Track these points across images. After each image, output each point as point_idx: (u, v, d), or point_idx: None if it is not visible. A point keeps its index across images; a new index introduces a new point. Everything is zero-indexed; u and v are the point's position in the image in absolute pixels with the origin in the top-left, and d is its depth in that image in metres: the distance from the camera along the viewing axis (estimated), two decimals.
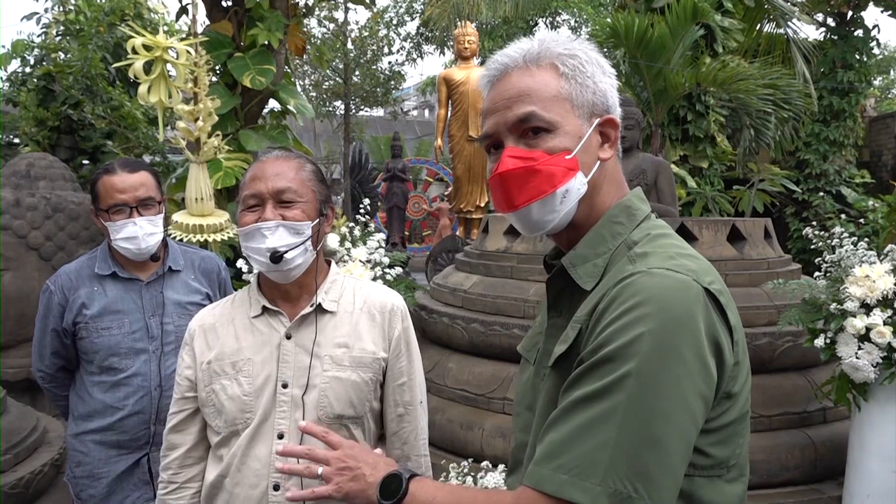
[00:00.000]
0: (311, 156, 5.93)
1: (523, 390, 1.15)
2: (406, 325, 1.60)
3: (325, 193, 1.55)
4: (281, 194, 1.45)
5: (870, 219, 8.46)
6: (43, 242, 4.44)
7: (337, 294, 1.56)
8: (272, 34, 4.49)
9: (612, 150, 1.07)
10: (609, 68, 1.09)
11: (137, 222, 2.14)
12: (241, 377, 1.47)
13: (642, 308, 0.88)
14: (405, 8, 18.35)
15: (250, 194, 1.47)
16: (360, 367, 1.50)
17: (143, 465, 2.20)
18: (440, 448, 3.81)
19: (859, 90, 10.77)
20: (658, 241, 1.00)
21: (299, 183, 1.48)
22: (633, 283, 0.92)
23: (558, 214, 1.03)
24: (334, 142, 19.59)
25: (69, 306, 2.17)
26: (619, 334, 0.88)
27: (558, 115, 1.02)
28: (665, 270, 0.92)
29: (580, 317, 0.98)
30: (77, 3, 7.90)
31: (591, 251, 1.03)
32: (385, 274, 4.04)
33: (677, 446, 0.86)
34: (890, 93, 20.08)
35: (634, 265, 0.95)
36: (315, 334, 1.50)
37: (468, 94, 8.77)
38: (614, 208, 1.06)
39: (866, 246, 3.42)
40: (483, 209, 9.11)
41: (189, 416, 1.55)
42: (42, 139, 6.79)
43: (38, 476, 2.91)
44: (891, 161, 11.55)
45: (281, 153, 1.54)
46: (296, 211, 1.46)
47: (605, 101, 1.05)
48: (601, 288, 0.98)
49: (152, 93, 3.32)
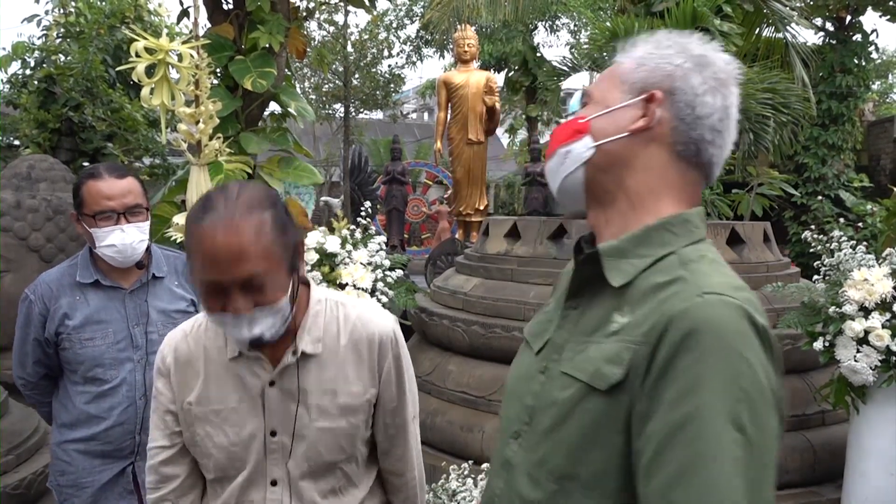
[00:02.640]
0: (312, 158, 5.94)
1: (519, 378, 1.07)
2: (396, 353, 1.46)
3: (292, 238, 1.28)
4: (247, 282, 1.20)
5: (868, 223, 8.49)
6: (44, 244, 4.45)
7: (320, 330, 1.40)
8: (273, 37, 4.50)
9: (645, 122, 0.98)
10: (712, 59, 0.99)
11: (126, 229, 2.08)
12: (226, 427, 1.38)
13: (718, 357, 0.82)
14: (405, 11, 18.37)
15: (208, 281, 1.20)
16: (350, 414, 1.41)
17: (128, 474, 2.16)
18: (440, 450, 3.82)
19: (858, 94, 10.79)
20: (715, 266, 0.94)
21: (264, 257, 1.20)
22: (702, 320, 0.84)
23: (560, 175, 1.03)
24: (334, 144, 19.60)
25: (50, 316, 2.10)
26: (699, 389, 0.81)
27: (601, 89, 1.03)
28: (731, 300, 0.85)
29: (634, 336, 0.89)
30: (77, 6, 7.92)
31: (633, 248, 0.97)
32: (385, 276, 4.06)
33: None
34: (888, 97, 20.12)
35: (698, 291, 0.87)
36: (299, 382, 1.37)
37: (468, 97, 8.79)
38: (674, 217, 0.98)
39: (865, 249, 3.44)
40: (482, 212, 9.13)
41: (181, 450, 1.45)
42: (43, 141, 6.80)
43: (40, 477, 2.92)
44: (889, 165, 11.58)
45: (227, 208, 1.19)
46: (268, 293, 1.22)
47: (667, 80, 0.98)
48: (651, 304, 0.90)
49: (155, 96, 3.33)
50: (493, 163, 16.40)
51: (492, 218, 5.13)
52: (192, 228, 1.21)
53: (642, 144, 0.99)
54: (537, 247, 4.32)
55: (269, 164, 4.94)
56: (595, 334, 0.95)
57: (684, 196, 1.01)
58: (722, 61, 1.00)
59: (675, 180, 1.00)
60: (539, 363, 1.03)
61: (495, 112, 9.00)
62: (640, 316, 0.90)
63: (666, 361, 0.84)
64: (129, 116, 7.60)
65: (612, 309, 0.95)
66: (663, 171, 0.99)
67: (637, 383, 0.87)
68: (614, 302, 0.95)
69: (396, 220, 13.42)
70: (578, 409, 0.92)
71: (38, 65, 7.39)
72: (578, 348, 0.96)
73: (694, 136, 0.98)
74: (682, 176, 1.00)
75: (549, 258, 4.23)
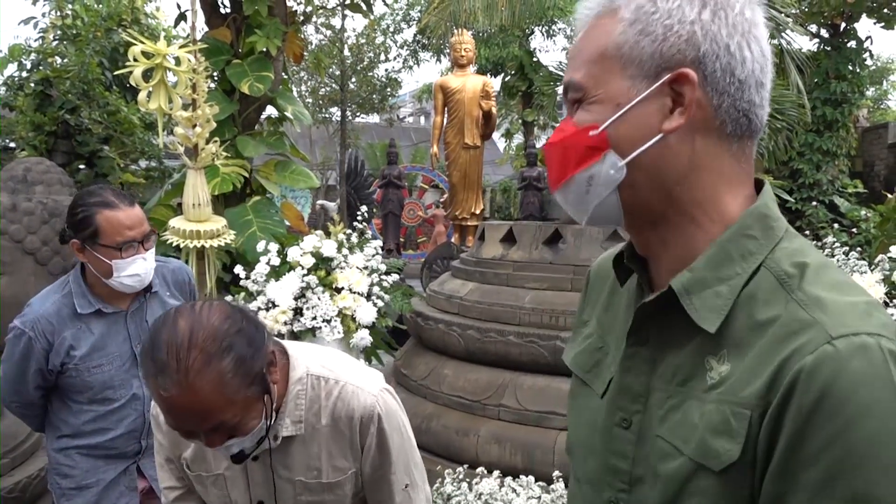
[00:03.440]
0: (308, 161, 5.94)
1: (593, 429, 0.88)
2: (380, 428, 1.40)
3: (259, 366, 1.18)
4: (218, 427, 1.16)
5: (862, 228, 8.54)
6: (39, 247, 4.44)
7: (301, 411, 1.36)
8: (270, 41, 4.52)
9: (685, 118, 0.75)
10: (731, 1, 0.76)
11: (146, 257, 2.09)
12: (215, 489, 1.43)
13: (865, 425, 0.64)
14: (402, 15, 18.42)
15: (178, 429, 1.17)
16: (336, 488, 1.41)
17: (132, 472, 2.18)
18: (435, 454, 3.83)
19: (852, 101, 10.87)
20: (827, 281, 0.73)
21: (229, 407, 1.13)
22: (839, 379, 0.65)
23: (589, 206, 0.80)
24: (330, 148, 19.61)
25: (55, 350, 2.06)
26: (857, 467, 0.64)
27: (596, 78, 0.78)
28: (868, 342, 0.66)
29: (745, 397, 0.70)
30: (74, 8, 7.92)
31: (712, 275, 0.76)
32: (381, 280, 4.07)
33: None
34: (882, 103, 20.22)
35: (824, 336, 0.67)
36: (278, 463, 1.38)
37: (464, 101, 8.82)
38: (748, 217, 0.78)
39: (857, 256, 3.47)
40: (478, 216, 9.15)
41: (189, 490, 1.50)
42: (39, 144, 6.79)
43: (35, 480, 2.92)
44: (883, 171, 11.64)
45: (181, 366, 1.08)
46: (240, 429, 1.19)
47: (690, 48, 0.74)
48: (761, 350, 0.71)
49: (152, 99, 3.34)
50: (490, 167, 16.46)
51: (488, 222, 5.15)
52: (149, 382, 1.12)
53: (683, 141, 0.77)
54: (533, 252, 4.34)
55: (266, 168, 4.95)
56: (688, 385, 0.76)
57: (744, 179, 0.80)
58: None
59: (732, 167, 0.79)
60: (613, 412, 0.85)
61: (492, 116, 9.02)
62: (747, 366, 0.71)
63: (797, 437, 0.66)
64: (126, 119, 7.59)
65: (705, 352, 0.76)
66: (717, 163, 0.78)
67: (760, 458, 0.70)
68: (705, 340, 0.76)
69: (392, 224, 13.44)
70: (690, 490, 0.74)
71: (34, 67, 7.38)
72: (671, 403, 0.78)
73: (742, 106, 0.77)
74: (737, 159, 0.79)
75: (545, 263, 4.24)
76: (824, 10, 10.56)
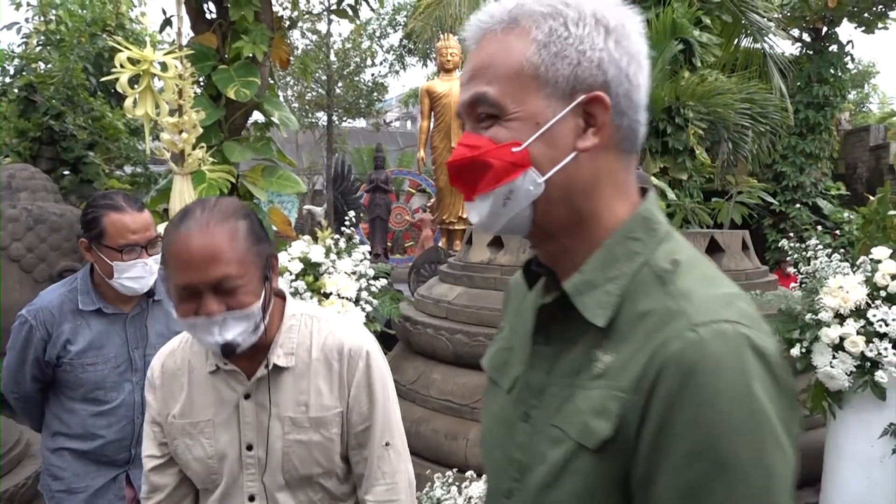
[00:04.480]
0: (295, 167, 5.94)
1: (497, 422, 0.95)
2: (369, 365, 1.45)
3: (265, 249, 1.33)
4: (220, 284, 1.24)
5: (845, 230, 8.63)
6: (24, 254, 4.41)
7: (293, 343, 1.43)
8: (257, 47, 4.51)
9: (598, 137, 0.82)
10: (628, 28, 0.82)
11: (148, 263, 2.12)
12: (202, 439, 1.42)
13: (722, 402, 0.70)
14: (388, 20, 18.45)
15: (181, 286, 1.25)
16: (322, 427, 1.42)
17: (121, 479, 2.20)
18: (425, 458, 3.83)
19: (834, 104, 11.00)
20: (695, 274, 0.80)
21: (237, 261, 1.25)
22: (699, 362, 0.71)
23: (503, 218, 0.84)
24: (317, 153, 19.57)
25: (52, 342, 2.13)
26: (712, 443, 0.71)
27: (513, 95, 0.81)
28: (727, 329, 0.73)
29: (621, 382, 0.76)
30: (58, 14, 7.88)
31: (601, 275, 0.82)
32: (370, 285, 4.07)
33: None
34: (864, 107, 20.45)
35: (688, 324, 0.74)
36: (271, 395, 1.40)
37: (450, 105, 8.84)
38: (631, 221, 0.84)
39: (840, 258, 3.51)
40: (465, 221, 9.16)
41: (170, 460, 1.48)
42: (23, 150, 6.75)
43: (22, 489, 2.90)
44: (865, 173, 11.78)
45: (203, 215, 1.26)
46: (240, 297, 1.26)
47: (600, 73, 0.80)
48: (637, 341, 0.77)
49: (139, 106, 3.33)
50: None
51: (475, 226, 5.16)
52: (170, 233, 1.26)
53: (592, 158, 0.82)
54: (520, 255, 4.36)
55: (253, 174, 4.94)
56: (580, 376, 0.82)
57: (630, 188, 0.87)
58: (620, 15, 0.83)
59: (623, 179, 0.86)
60: (516, 407, 0.91)
61: None
62: (626, 355, 0.77)
63: (665, 415, 0.72)
64: (111, 125, 7.56)
65: (593, 345, 0.81)
66: (613, 176, 0.85)
67: (631, 440, 0.75)
68: (595, 335, 0.82)
69: (380, 229, 13.44)
70: (570, 469, 0.79)
71: (17, 73, 7.34)
72: (564, 394, 0.83)
73: (635, 126, 0.85)
74: (627, 171, 0.87)
75: None
76: (806, 15, 10.69)
